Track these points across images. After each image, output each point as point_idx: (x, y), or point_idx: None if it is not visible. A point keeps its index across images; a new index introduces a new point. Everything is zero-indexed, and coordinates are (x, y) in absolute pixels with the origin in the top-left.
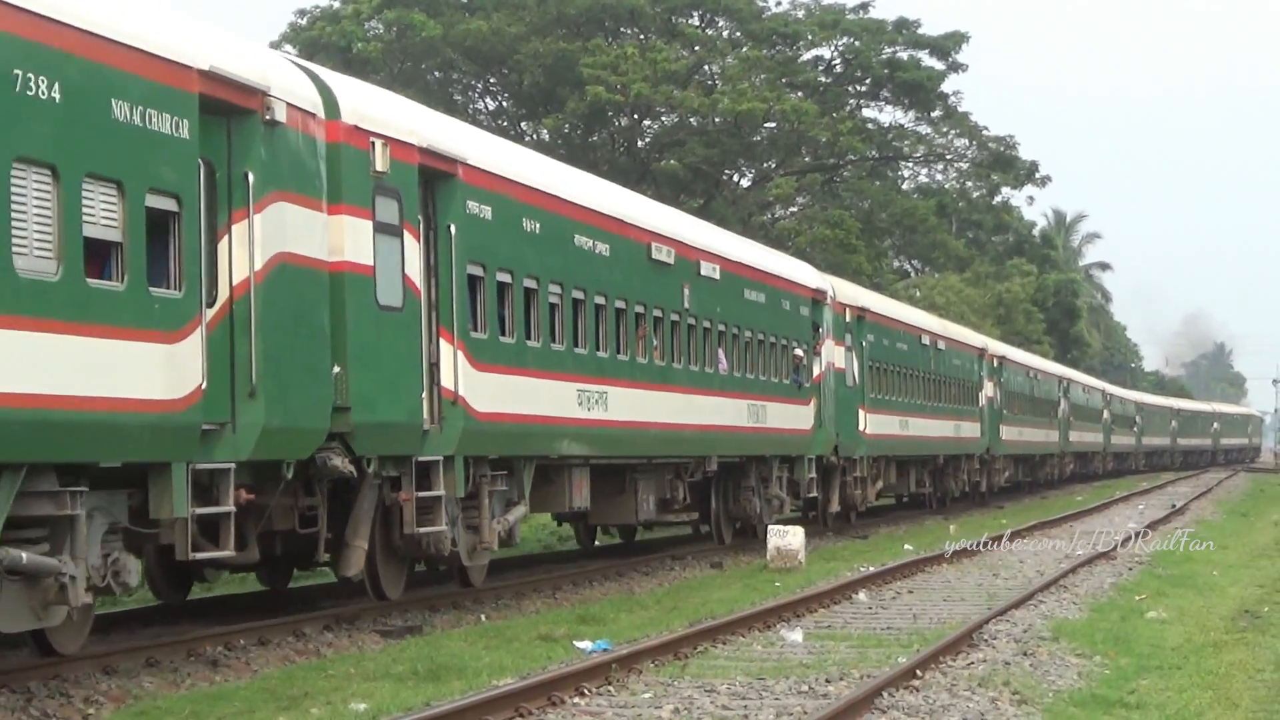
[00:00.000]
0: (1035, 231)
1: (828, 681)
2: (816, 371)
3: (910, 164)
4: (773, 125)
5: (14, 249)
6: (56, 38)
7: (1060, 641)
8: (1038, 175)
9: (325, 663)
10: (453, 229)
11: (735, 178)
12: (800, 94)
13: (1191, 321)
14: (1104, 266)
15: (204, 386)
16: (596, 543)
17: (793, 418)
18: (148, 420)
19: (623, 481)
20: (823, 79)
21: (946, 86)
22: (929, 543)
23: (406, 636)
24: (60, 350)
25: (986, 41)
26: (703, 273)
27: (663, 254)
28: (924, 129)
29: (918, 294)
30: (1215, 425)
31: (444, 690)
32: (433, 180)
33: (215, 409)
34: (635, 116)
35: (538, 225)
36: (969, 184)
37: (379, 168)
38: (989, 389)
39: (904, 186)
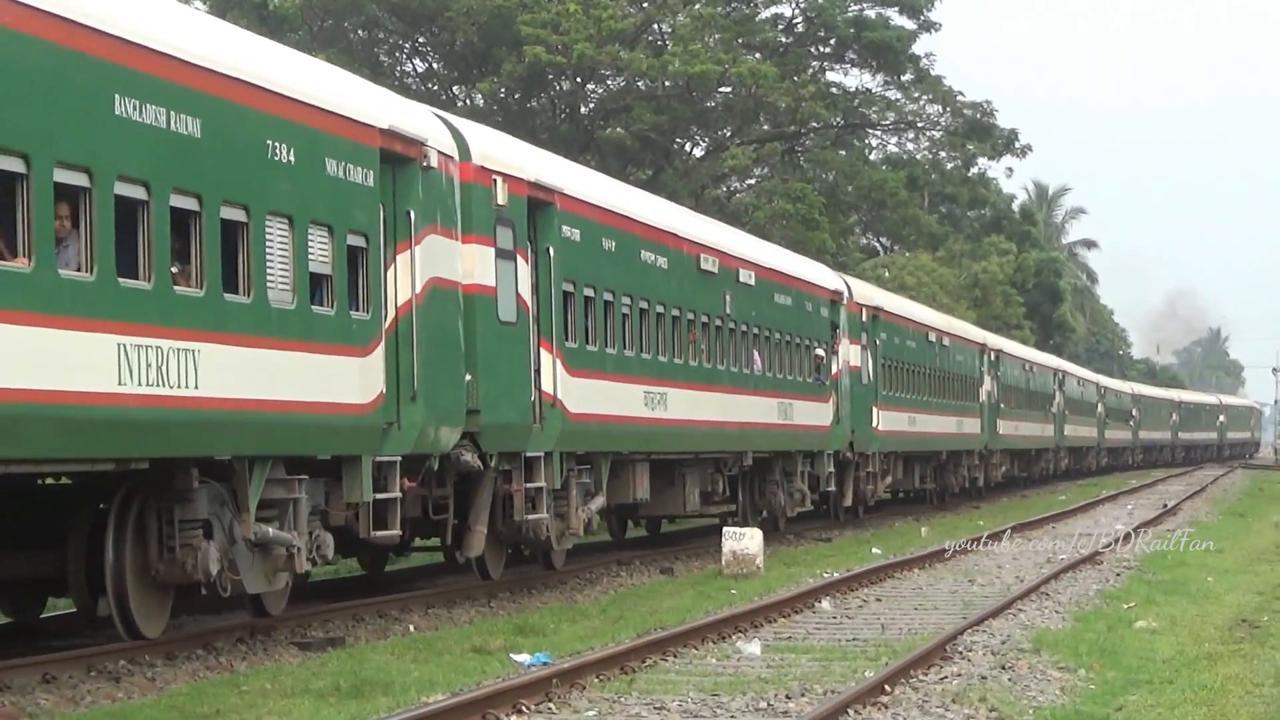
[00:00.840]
0: (1014, 206)
1: (788, 698)
2: (834, 370)
3: (878, 133)
4: (728, 90)
5: (267, 284)
6: (291, 111)
7: (1041, 653)
8: (1017, 144)
9: (238, 678)
10: (551, 251)
11: (687, 147)
12: (758, 55)
13: (1177, 300)
14: (1089, 244)
15: (384, 392)
16: (627, 535)
17: (815, 415)
18: (348, 420)
19: (672, 476)
20: (783, 39)
21: (918, 48)
22: (898, 546)
23: (327, 649)
24: (296, 365)
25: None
26: (741, 279)
27: (709, 264)
28: (893, 94)
29: (886, 274)
30: (1221, 418)
31: (368, 708)
32: (535, 209)
33: (388, 411)
34: (578, 80)
35: (614, 244)
36: (942, 154)
37: (499, 201)
38: (988, 384)
39: (871, 157)
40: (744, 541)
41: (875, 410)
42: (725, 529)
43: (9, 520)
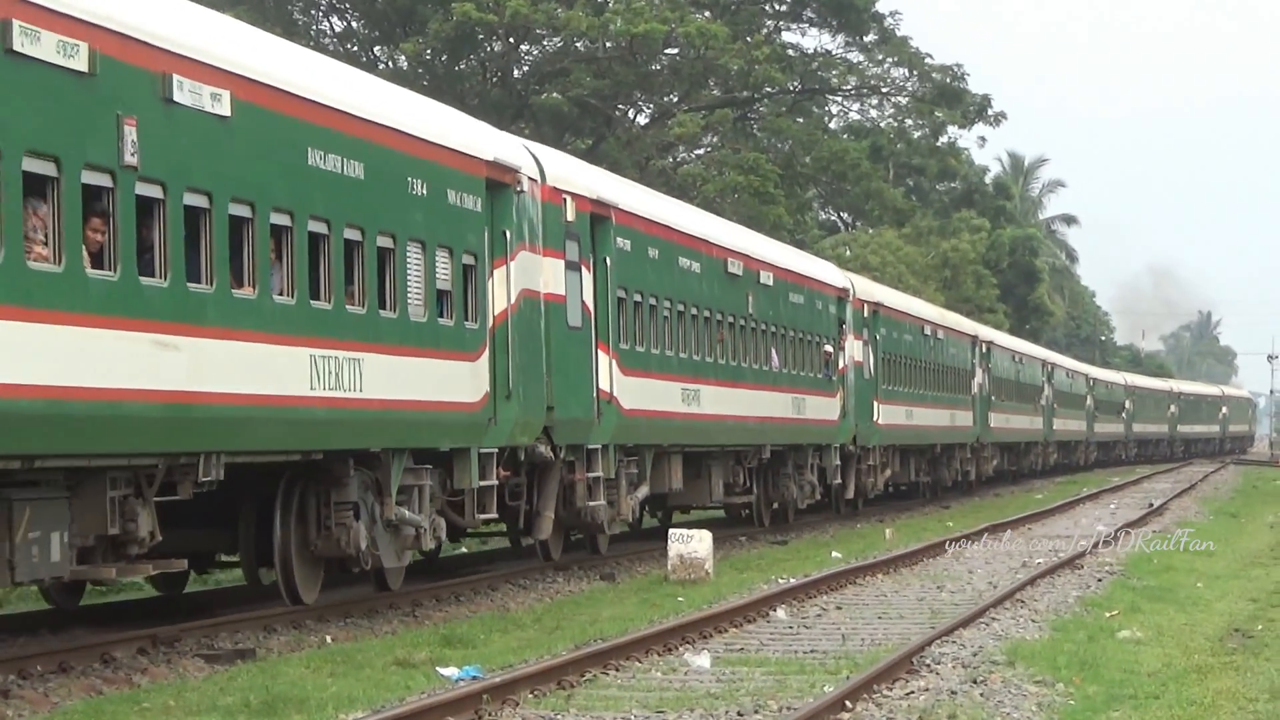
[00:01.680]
0: (987, 179)
1: (740, 715)
2: (841, 365)
3: (839, 98)
4: (674, 51)
5: (408, 301)
6: (425, 151)
7: (1016, 666)
8: (990, 112)
9: (139, 693)
10: (608, 261)
11: (630, 114)
12: (707, 14)
13: (1161, 280)
14: (1069, 220)
15: (488, 391)
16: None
17: (824, 409)
18: (463, 417)
19: (700, 467)
20: None
21: (881, 6)
22: (860, 549)
23: (237, 662)
24: (427, 370)
25: None
26: (761, 281)
27: (735, 267)
28: (855, 57)
29: (847, 253)
30: (1224, 411)
31: None
32: (595, 223)
33: (490, 408)
34: (511, 41)
35: (657, 253)
36: (909, 122)
37: (569, 218)
38: (979, 376)
39: (831, 125)
40: (691, 544)
41: (876, 404)
42: (671, 530)
43: (187, 502)
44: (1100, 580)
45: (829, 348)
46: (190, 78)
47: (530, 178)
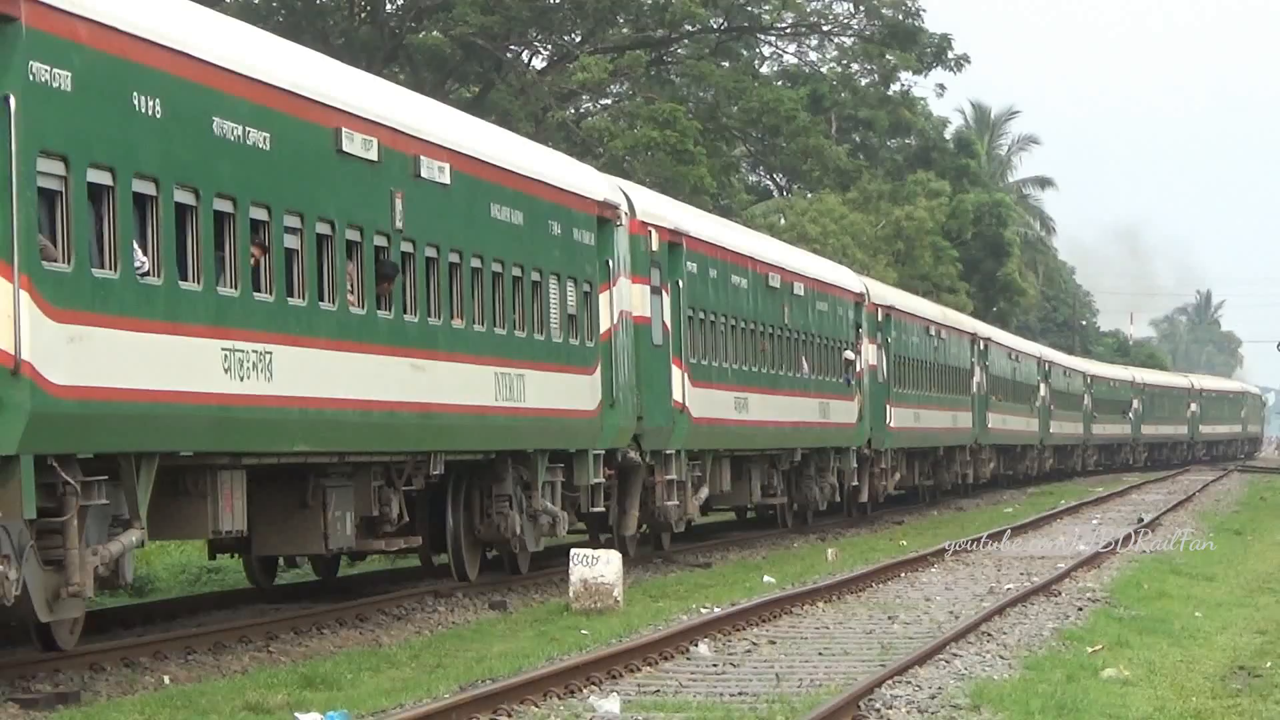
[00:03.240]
0: (947, 134)
1: None
2: (858, 369)
3: (772, 39)
4: None
5: (551, 324)
6: (562, 198)
7: (982, 712)
8: (950, 55)
9: None
10: (680, 284)
11: (525, 57)
12: None
13: (1126, 239)
14: (1044, 183)
15: (601, 400)
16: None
17: (845, 413)
18: (584, 423)
19: (742, 470)
20: None
21: None
22: (796, 572)
23: (58, 707)
24: (564, 383)
25: None
26: (795, 291)
27: (774, 281)
28: None
29: (781, 221)
30: (1244, 410)
31: None
32: (671, 250)
33: (601, 415)
34: None
35: (715, 273)
36: (854, 67)
37: (653, 247)
38: (978, 375)
39: (763, 70)
40: (598, 567)
41: (889, 407)
42: (574, 551)
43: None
44: (1081, 609)
45: (849, 354)
46: (430, 157)
47: (625, 212)
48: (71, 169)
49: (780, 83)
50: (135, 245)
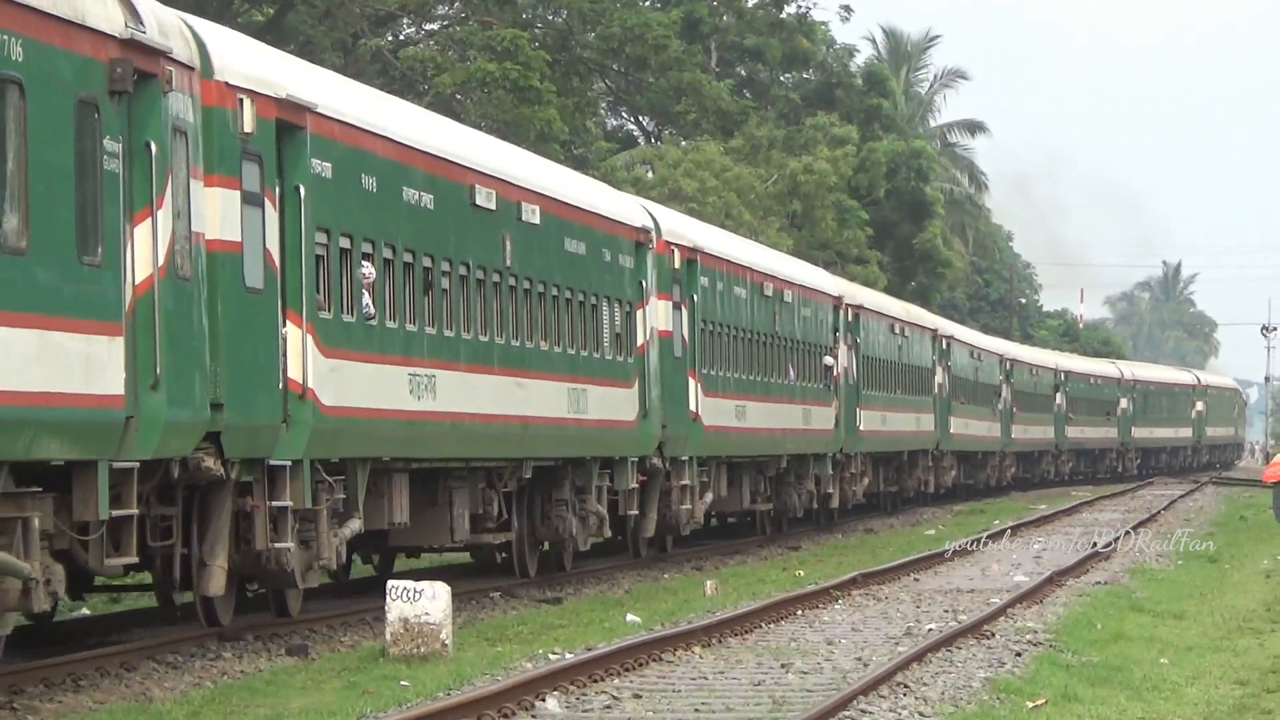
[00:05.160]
0: (854, 68)
1: None
2: (835, 372)
3: None
4: None
5: (603, 343)
6: (612, 227)
7: None
8: None
9: None
10: (695, 299)
11: None
12: None
13: (1077, 197)
14: (974, 128)
15: (639, 411)
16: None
17: (824, 419)
18: (627, 432)
19: (735, 476)
20: None
21: None
22: (668, 609)
23: None
24: (613, 396)
25: None
26: (785, 299)
27: (769, 289)
28: None
29: (649, 174)
30: (1236, 409)
31: None
32: (688, 266)
33: (639, 424)
34: None
35: (723, 285)
36: None
37: (675, 265)
38: (939, 375)
39: None
40: (421, 603)
41: (859, 411)
42: (391, 583)
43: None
44: (1019, 655)
45: (829, 359)
46: (528, 202)
47: (654, 234)
48: (331, 238)
49: (647, 3)
50: (365, 293)
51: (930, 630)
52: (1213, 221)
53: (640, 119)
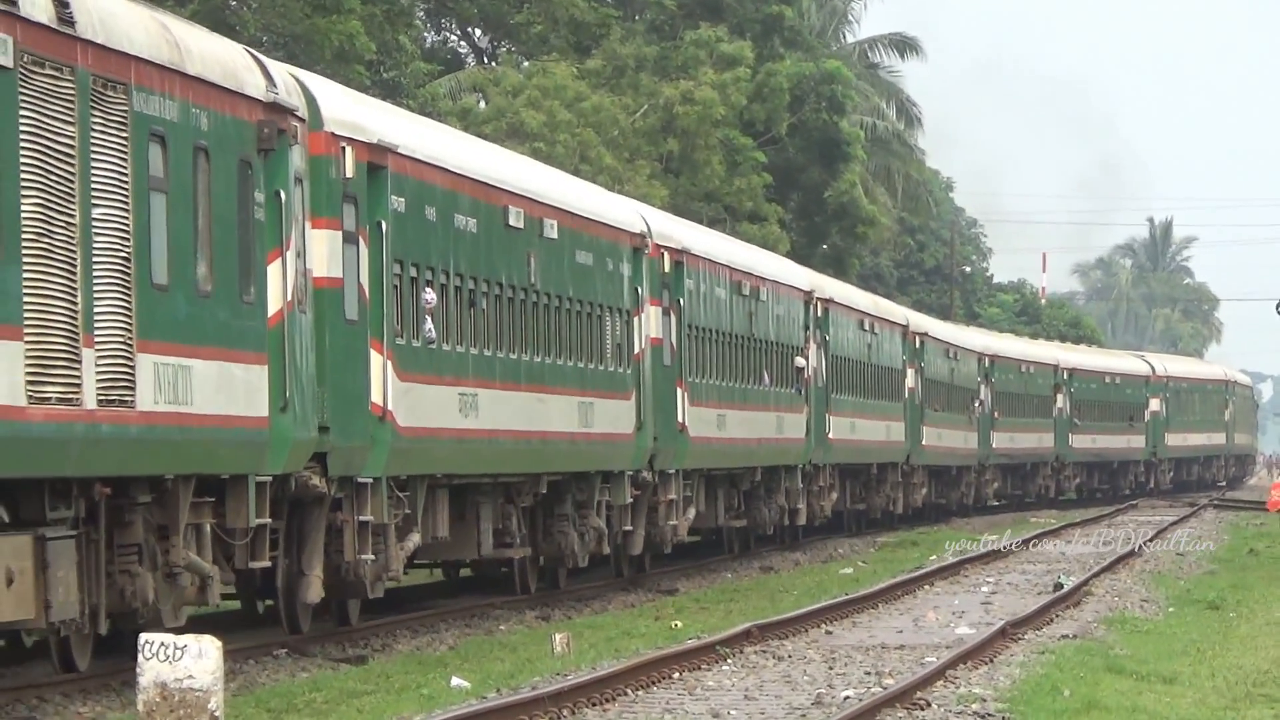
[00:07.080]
0: None
1: None
2: (806, 375)
3: None
4: None
5: (606, 355)
6: (613, 235)
7: None
8: None
9: None
10: (682, 303)
11: None
12: None
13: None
14: (903, 46)
15: (636, 424)
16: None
17: (795, 427)
18: (625, 445)
19: (711, 490)
20: None
21: None
22: (505, 671)
23: None
24: (614, 408)
25: None
26: (760, 297)
27: (746, 288)
28: None
29: (481, 105)
30: (1251, 411)
31: None
32: (676, 269)
33: (635, 437)
34: None
35: (706, 287)
36: None
37: (665, 269)
38: (911, 378)
39: None
40: (184, 662)
41: (829, 417)
42: (145, 638)
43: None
44: None
45: (801, 361)
46: (548, 218)
47: (648, 239)
48: (404, 269)
49: None
50: (428, 318)
51: (847, 699)
52: (1193, 176)
53: (470, 33)
